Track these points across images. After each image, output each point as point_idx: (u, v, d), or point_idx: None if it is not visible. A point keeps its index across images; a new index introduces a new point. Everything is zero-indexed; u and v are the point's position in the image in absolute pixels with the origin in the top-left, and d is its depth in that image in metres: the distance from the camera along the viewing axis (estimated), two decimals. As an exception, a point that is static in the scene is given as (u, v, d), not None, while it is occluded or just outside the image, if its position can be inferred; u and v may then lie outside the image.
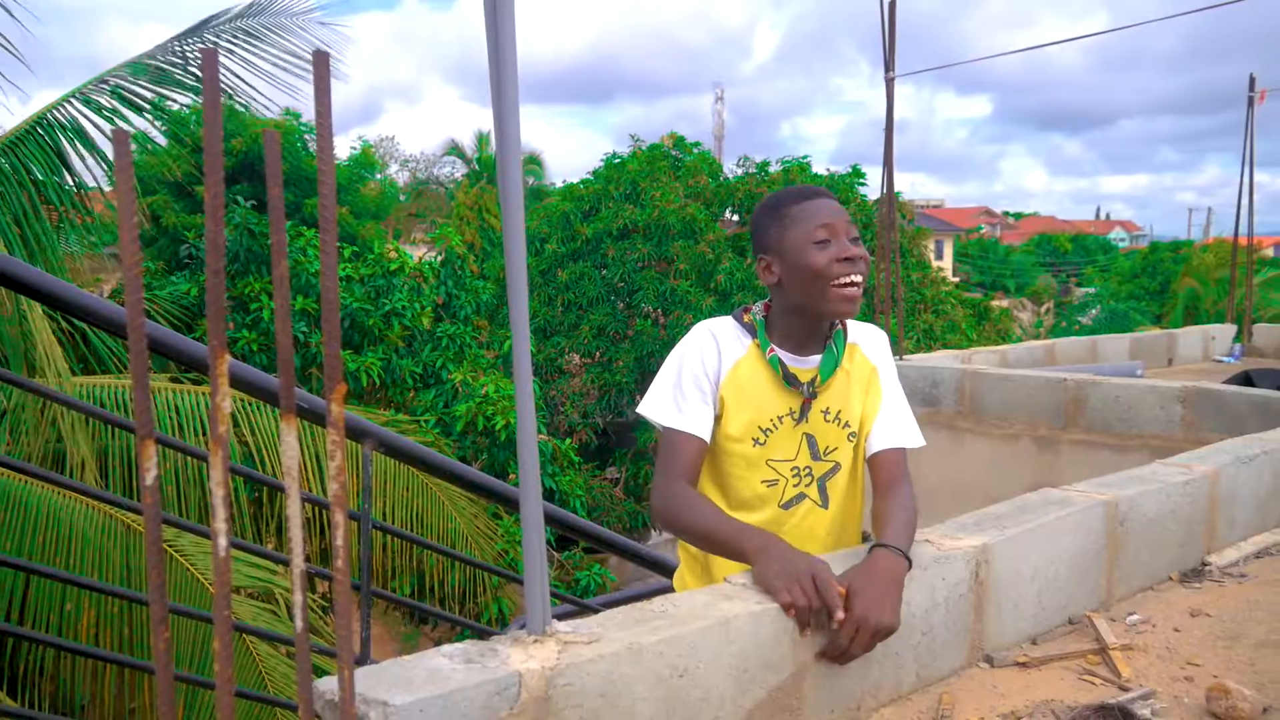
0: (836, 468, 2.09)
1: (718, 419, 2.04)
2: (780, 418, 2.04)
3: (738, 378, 2.03)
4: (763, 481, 2.06)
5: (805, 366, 2.05)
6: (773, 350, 2.03)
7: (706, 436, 2.01)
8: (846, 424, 2.08)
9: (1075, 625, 2.39)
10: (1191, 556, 2.86)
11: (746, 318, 2.08)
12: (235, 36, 6.24)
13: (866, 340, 2.15)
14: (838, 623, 1.68)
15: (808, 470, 2.08)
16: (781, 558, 1.74)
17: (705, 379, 2.01)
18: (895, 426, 2.10)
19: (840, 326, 2.08)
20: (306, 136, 15.86)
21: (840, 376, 2.07)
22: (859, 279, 1.96)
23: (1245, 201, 11.02)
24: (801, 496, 2.08)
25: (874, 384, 2.12)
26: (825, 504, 2.09)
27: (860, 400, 2.09)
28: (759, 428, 2.03)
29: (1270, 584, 2.75)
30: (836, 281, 1.94)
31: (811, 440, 2.07)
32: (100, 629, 4.25)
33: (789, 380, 2.03)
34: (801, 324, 2.04)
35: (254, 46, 6.20)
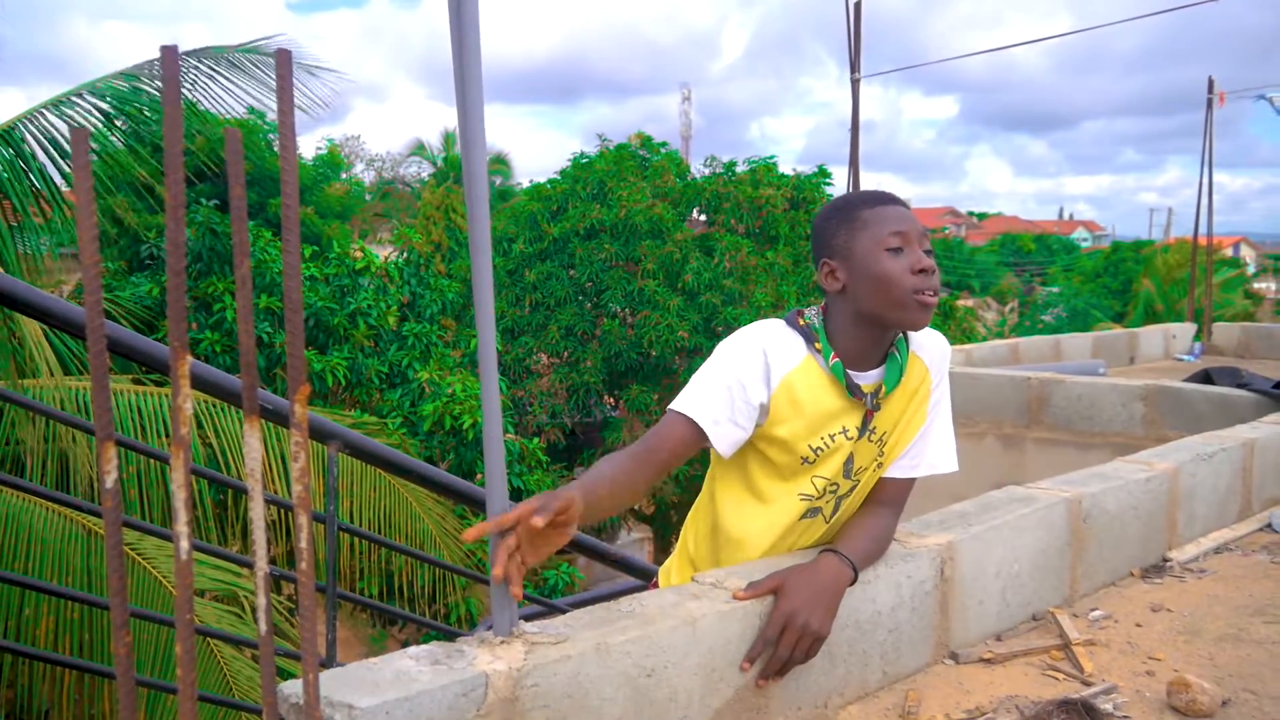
0: (855, 486, 1.96)
1: (767, 433, 1.87)
2: (833, 435, 1.88)
3: (791, 388, 1.85)
4: (799, 495, 1.92)
5: (866, 380, 1.89)
6: (835, 357, 1.86)
7: (707, 430, 1.80)
8: (883, 442, 1.94)
9: (1039, 621, 2.41)
10: (1153, 553, 2.90)
11: (802, 322, 1.90)
12: (206, 62, 6.18)
13: (930, 352, 1.98)
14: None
15: (834, 487, 1.94)
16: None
17: (736, 384, 1.82)
18: (921, 457, 1.98)
19: (903, 334, 1.92)
20: (270, 136, 15.73)
21: (899, 390, 1.92)
22: (935, 291, 1.81)
23: (1205, 202, 11.20)
24: (817, 511, 1.96)
25: (923, 405, 1.97)
26: (830, 517, 1.98)
27: (906, 422, 1.96)
28: (810, 446, 1.87)
29: (1229, 579, 2.79)
30: (915, 292, 1.78)
31: (850, 459, 1.92)
32: (59, 634, 4.19)
33: (853, 390, 1.86)
34: (866, 334, 1.87)
35: (228, 74, 6.15)
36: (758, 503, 1.95)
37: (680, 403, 1.83)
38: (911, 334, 1.94)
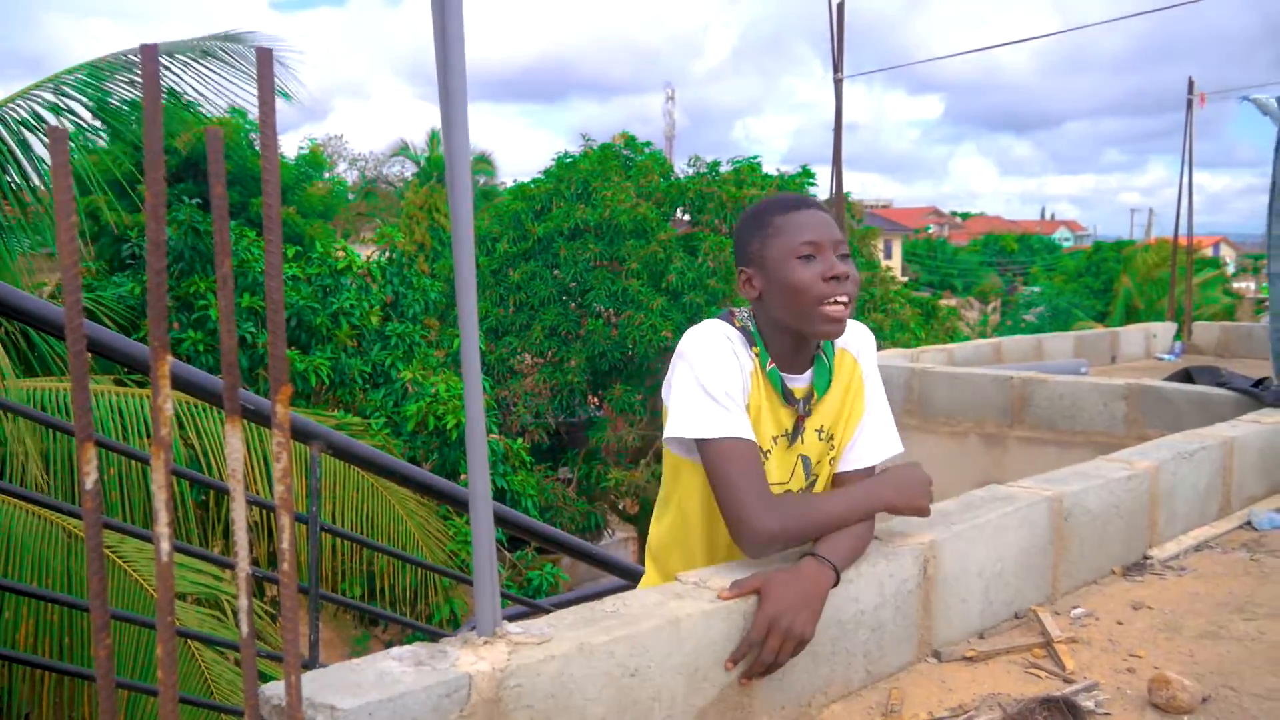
0: (813, 482, 1.98)
1: None
2: (775, 438, 1.90)
3: (747, 392, 1.86)
4: None
5: (798, 384, 1.92)
6: (772, 363, 1.88)
7: (754, 439, 1.81)
8: (831, 437, 1.96)
9: (1021, 619, 2.42)
10: (1134, 550, 2.92)
11: (738, 323, 1.91)
12: (189, 54, 6.16)
13: (856, 343, 2.01)
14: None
15: (800, 492, 1.95)
16: (917, 485, 1.90)
17: (736, 387, 1.82)
18: (870, 445, 1.99)
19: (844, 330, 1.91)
20: (252, 135, 15.64)
21: (832, 388, 1.95)
22: (846, 299, 1.80)
23: (1185, 203, 11.27)
24: None
25: (859, 391, 1.99)
26: None
27: (847, 412, 1.97)
28: (761, 449, 1.87)
29: (1209, 577, 2.81)
30: (823, 301, 1.79)
31: (806, 462, 1.94)
32: (39, 637, 4.15)
33: (788, 397, 1.89)
34: (787, 339, 1.89)
35: (208, 65, 6.13)
36: (715, 514, 1.92)
37: (729, 427, 1.77)
38: None
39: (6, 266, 5.71)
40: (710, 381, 1.79)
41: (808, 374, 1.93)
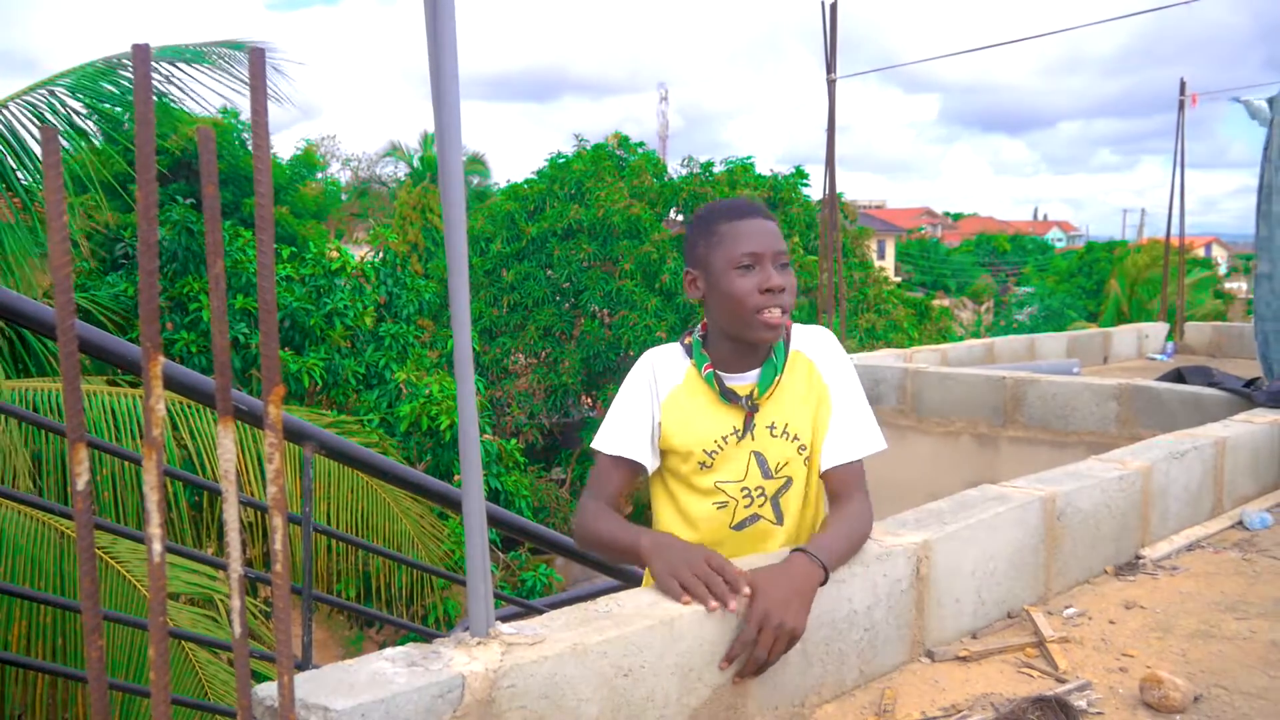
0: (789, 483, 1.99)
1: (663, 446, 2.00)
2: (724, 437, 1.97)
3: (677, 401, 1.99)
4: (714, 504, 1.99)
5: (743, 382, 1.98)
6: (708, 367, 1.98)
7: (639, 459, 1.98)
8: (796, 437, 1.98)
9: (1014, 619, 2.43)
10: (1126, 550, 2.93)
11: (688, 339, 2.04)
12: (183, 59, 6.17)
13: (812, 345, 2.04)
14: (741, 613, 1.71)
15: (759, 490, 1.99)
16: (669, 552, 1.76)
17: (642, 406, 1.99)
18: (845, 441, 2.00)
19: (781, 337, 2.00)
20: (245, 135, 15.62)
21: (784, 387, 1.99)
22: (781, 311, 1.89)
23: (1177, 203, 11.29)
24: (755, 518, 1.99)
25: (823, 394, 2.01)
26: (780, 520, 2.00)
27: (810, 412, 1.99)
28: (704, 450, 1.96)
29: (1201, 576, 2.82)
30: (759, 311, 1.88)
31: (761, 459, 1.98)
32: (32, 638, 4.15)
33: (726, 396, 1.96)
34: (732, 340, 1.98)
35: (202, 69, 6.14)
36: (682, 520, 2.03)
37: (606, 444, 2.00)
38: (794, 332, 2.03)
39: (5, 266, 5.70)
40: (619, 405, 2.03)
41: (754, 373, 1.99)
